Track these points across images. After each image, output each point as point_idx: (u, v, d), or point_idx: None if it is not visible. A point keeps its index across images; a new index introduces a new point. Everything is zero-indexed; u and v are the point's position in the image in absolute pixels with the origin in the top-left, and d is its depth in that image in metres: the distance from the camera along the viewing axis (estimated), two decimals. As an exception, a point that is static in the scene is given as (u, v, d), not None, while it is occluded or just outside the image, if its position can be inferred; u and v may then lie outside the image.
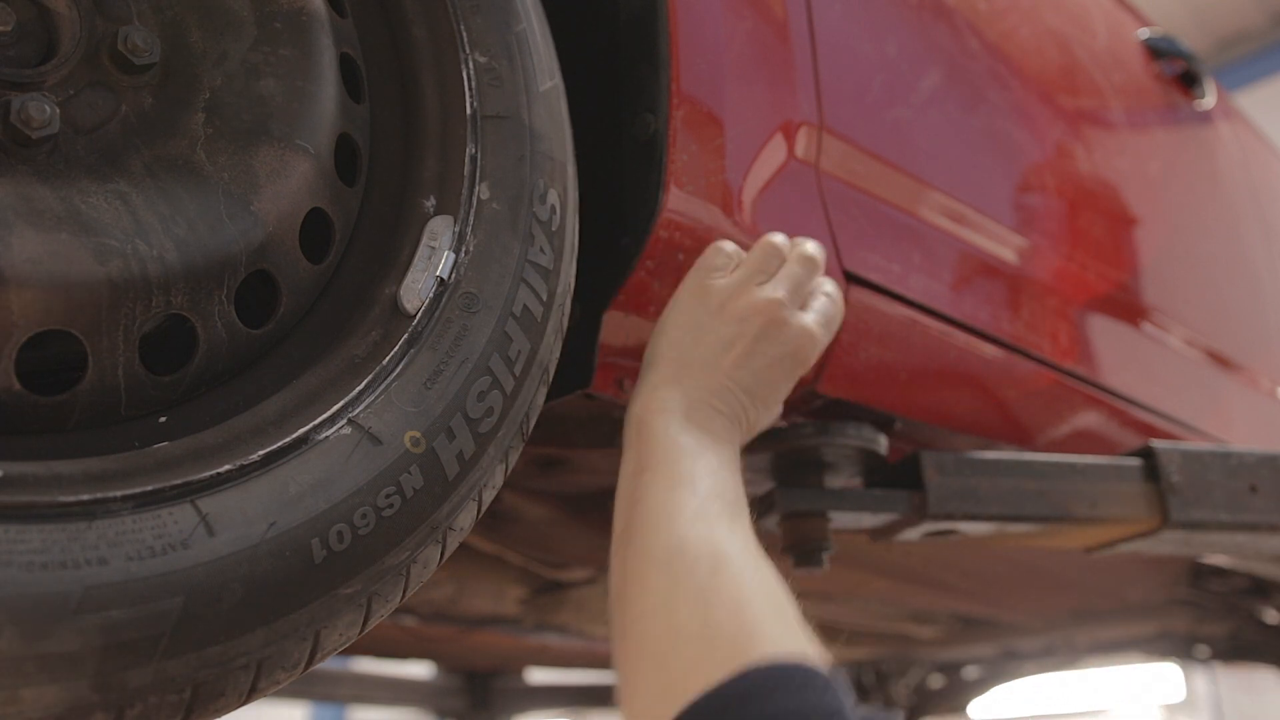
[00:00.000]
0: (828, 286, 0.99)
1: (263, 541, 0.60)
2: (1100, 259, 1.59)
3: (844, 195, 1.19)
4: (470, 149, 0.80)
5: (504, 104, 0.82)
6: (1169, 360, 1.74)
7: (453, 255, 0.76)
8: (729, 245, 0.96)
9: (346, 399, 0.68)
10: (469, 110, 0.81)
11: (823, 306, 0.96)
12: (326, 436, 0.66)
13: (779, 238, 0.97)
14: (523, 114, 0.83)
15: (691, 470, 0.80)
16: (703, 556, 0.71)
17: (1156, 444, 1.35)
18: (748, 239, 1.05)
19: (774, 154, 1.11)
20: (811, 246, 0.98)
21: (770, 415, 0.94)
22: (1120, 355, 1.59)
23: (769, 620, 0.66)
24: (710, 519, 0.75)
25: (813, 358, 0.93)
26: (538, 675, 3.25)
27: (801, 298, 0.95)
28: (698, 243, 1.01)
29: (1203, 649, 2.89)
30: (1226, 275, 2.03)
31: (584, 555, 1.71)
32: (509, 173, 0.81)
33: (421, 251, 0.77)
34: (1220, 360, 1.89)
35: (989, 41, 1.48)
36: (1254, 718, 6.43)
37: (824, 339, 0.95)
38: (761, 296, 0.92)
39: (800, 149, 1.14)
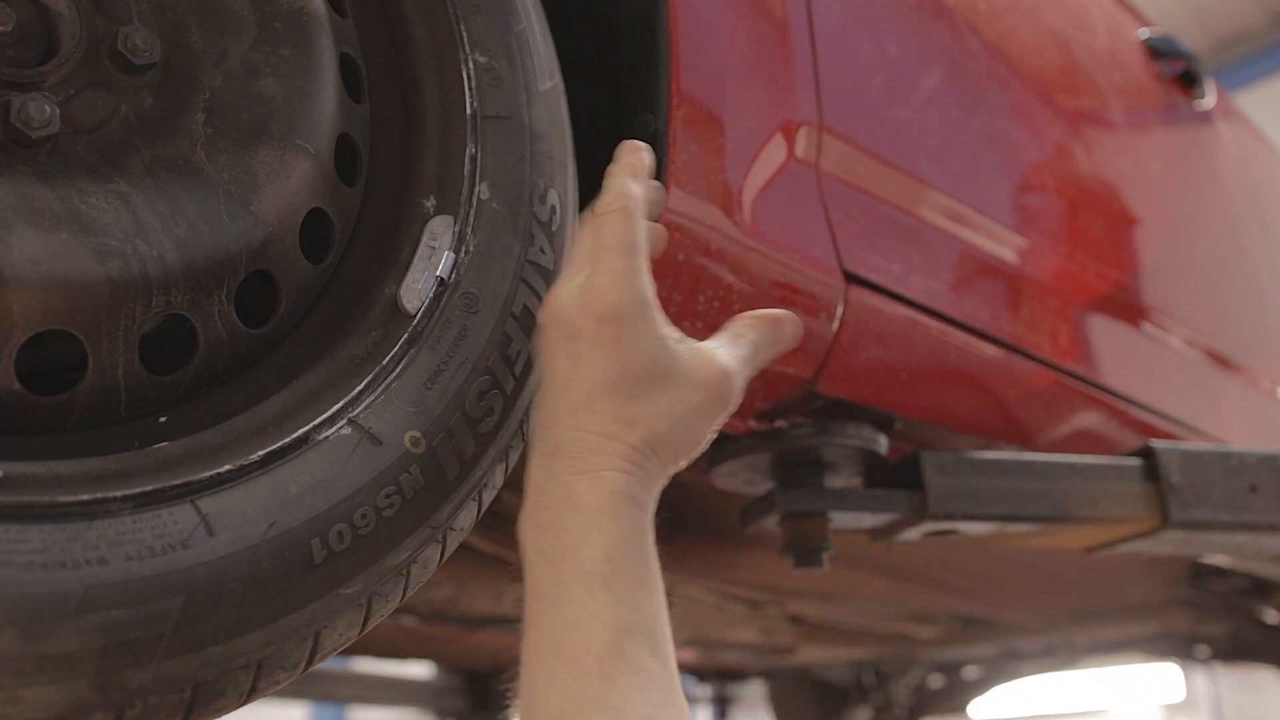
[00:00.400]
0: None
1: (263, 541, 0.60)
2: (1100, 259, 1.59)
3: (844, 195, 1.19)
4: (470, 149, 0.80)
5: (504, 104, 0.82)
6: (1169, 360, 1.74)
7: (453, 255, 0.76)
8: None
9: (346, 399, 0.68)
10: (469, 110, 0.81)
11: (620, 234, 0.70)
12: (326, 436, 0.66)
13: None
14: (523, 114, 0.83)
15: (574, 566, 0.67)
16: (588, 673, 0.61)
17: (1156, 444, 1.35)
18: (748, 239, 1.05)
19: (774, 154, 1.11)
20: (626, 159, 0.76)
21: (680, 405, 0.70)
22: (1120, 355, 1.59)
23: None
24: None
25: (620, 305, 0.68)
26: (538, 675, 3.25)
27: (609, 246, 0.70)
28: (698, 243, 1.01)
29: (1203, 649, 2.89)
30: (1226, 275, 2.03)
31: (584, 555, 1.71)
32: (509, 173, 0.81)
33: (421, 251, 0.77)
34: (1220, 360, 1.89)
35: (989, 41, 1.48)
36: (1254, 718, 6.43)
37: (618, 268, 0.69)
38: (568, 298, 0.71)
39: (800, 149, 1.14)
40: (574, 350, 0.69)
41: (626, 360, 0.67)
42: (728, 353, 0.71)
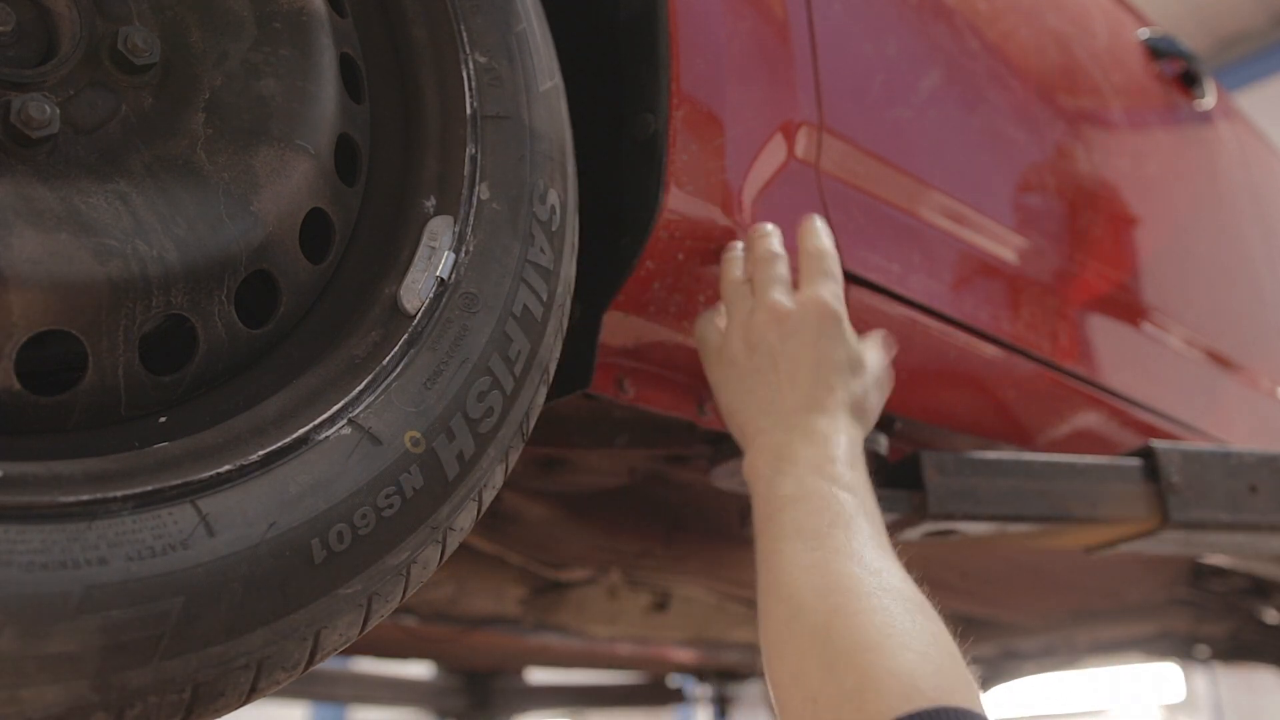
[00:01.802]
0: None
1: (263, 541, 0.60)
2: (1100, 259, 1.59)
3: (844, 195, 1.19)
4: (470, 149, 0.80)
5: (504, 104, 0.82)
6: (1169, 360, 1.74)
7: (453, 255, 0.76)
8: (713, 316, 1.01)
9: (346, 399, 0.68)
10: (469, 110, 0.81)
11: (784, 272, 0.99)
12: (326, 437, 0.66)
13: (735, 261, 1.01)
14: (523, 114, 0.83)
15: (793, 517, 0.80)
16: (818, 611, 0.69)
17: (1156, 444, 1.35)
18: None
19: (774, 154, 1.11)
20: (760, 237, 1.01)
21: (870, 381, 0.98)
22: (1120, 355, 1.59)
23: (894, 660, 0.63)
24: (822, 559, 0.74)
25: (837, 309, 0.96)
26: (538, 675, 3.25)
27: (783, 279, 0.98)
28: (698, 243, 1.01)
29: (1203, 649, 2.89)
30: (1226, 275, 2.03)
31: (584, 555, 1.71)
32: (509, 173, 0.81)
33: (421, 251, 0.77)
34: (1220, 360, 1.89)
35: (989, 41, 1.48)
36: (1254, 718, 6.43)
37: (829, 290, 0.98)
38: (756, 319, 0.96)
39: (800, 149, 1.14)
40: (800, 341, 0.94)
41: (845, 350, 0.95)
42: (874, 343, 1.02)
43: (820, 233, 1.02)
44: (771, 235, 1.01)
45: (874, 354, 1.00)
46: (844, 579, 0.71)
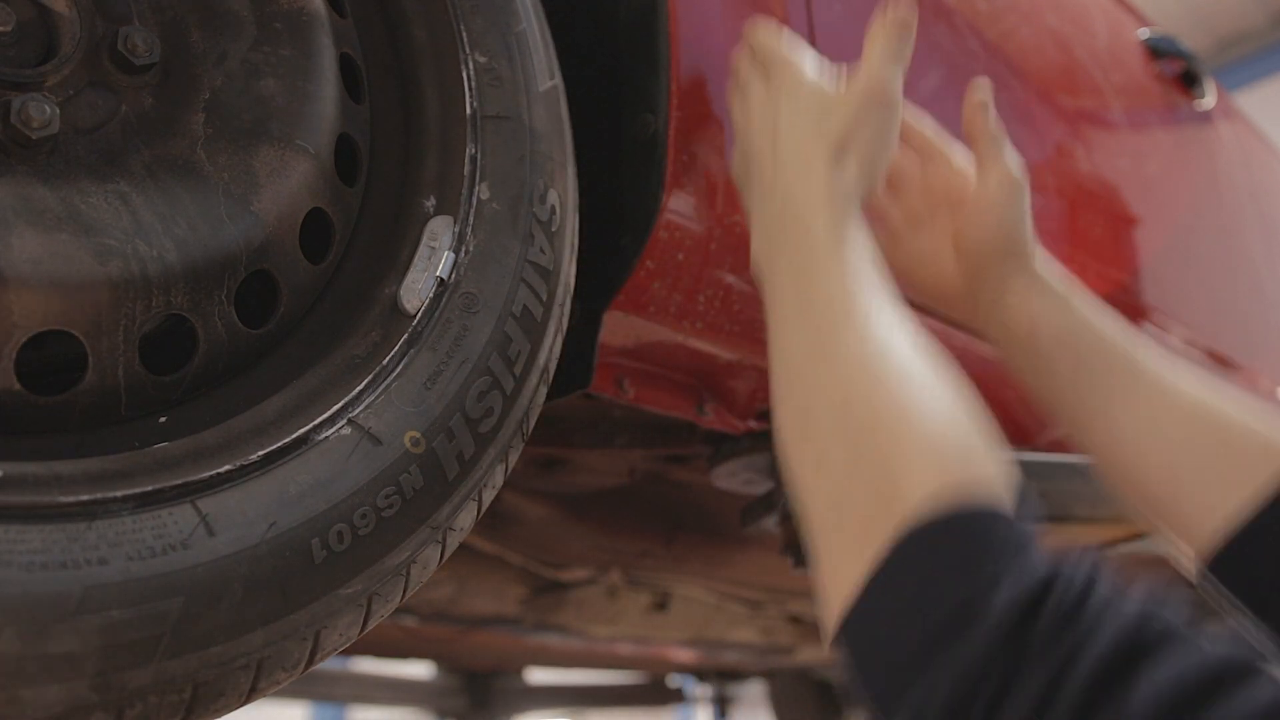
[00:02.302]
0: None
1: (263, 542, 0.60)
2: (1100, 259, 1.59)
3: (844, 195, 1.19)
4: (470, 149, 0.80)
5: (504, 104, 0.82)
6: (1169, 360, 1.73)
7: (453, 255, 0.76)
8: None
9: (346, 399, 0.68)
10: (469, 110, 0.81)
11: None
12: (326, 437, 0.66)
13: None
14: (523, 114, 0.83)
15: (792, 303, 0.76)
16: (832, 395, 0.66)
17: (1156, 444, 1.34)
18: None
19: (774, 154, 1.10)
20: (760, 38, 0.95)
21: (848, 113, 0.86)
22: (1120, 355, 1.59)
23: (919, 446, 0.61)
24: (827, 341, 0.70)
25: (794, 58, 0.90)
26: (538, 675, 3.25)
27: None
28: (698, 243, 1.01)
29: (1203, 649, 2.89)
30: (1226, 275, 2.03)
31: (584, 555, 1.71)
32: (509, 173, 0.81)
33: (421, 251, 0.77)
34: (1220, 360, 1.89)
35: (989, 41, 1.48)
36: (1254, 718, 6.42)
37: (793, 49, 0.91)
38: (750, 107, 0.90)
39: (800, 149, 1.14)
40: (771, 112, 0.87)
41: (808, 90, 0.86)
42: (869, 64, 0.88)
43: (764, 29, 0.95)
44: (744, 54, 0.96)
45: (856, 80, 0.87)
46: (851, 358, 0.68)
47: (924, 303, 1.20)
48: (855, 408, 0.65)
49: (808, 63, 0.90)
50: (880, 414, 0.64)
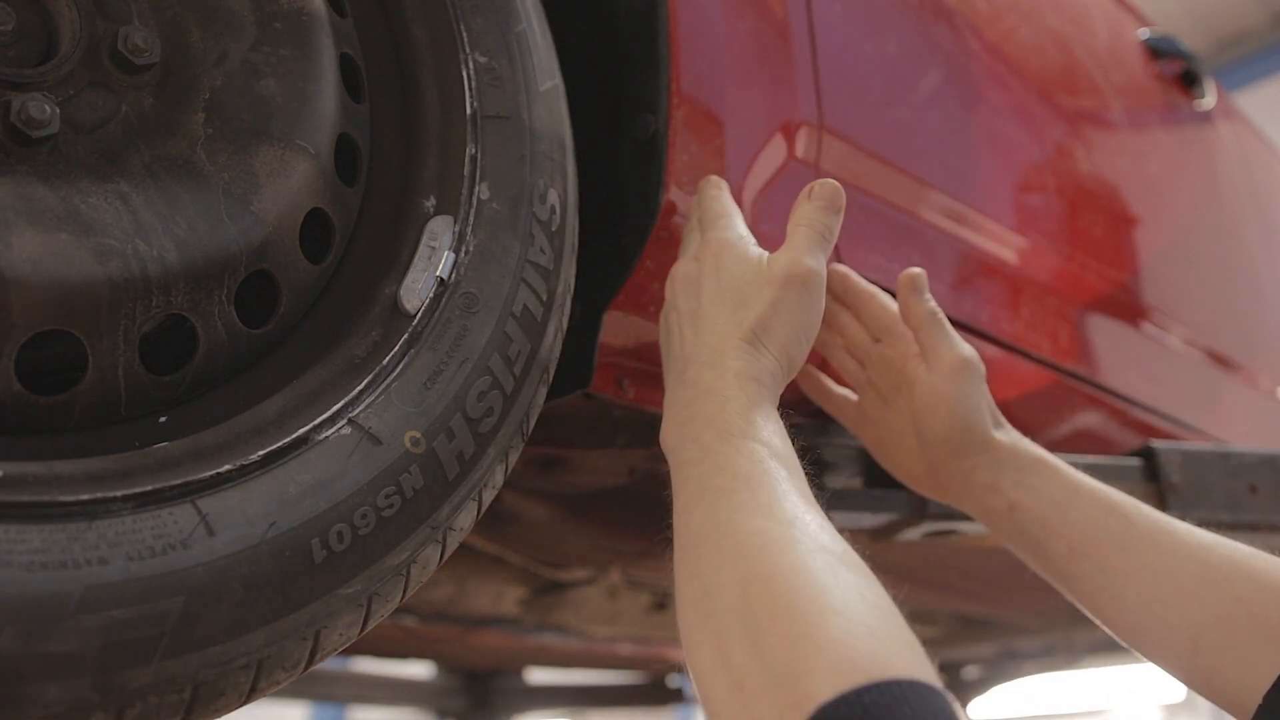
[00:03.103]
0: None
1: (263, 541, 0.60)
2: (1100, 259, 1.59)
3: (844, 195, 1.19)
4: (470, 149, 0.80)
5: (504, 104, 0.82)
6: (1169, 360, 1.74)
7: (453, 255, 0.76)
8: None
9: (346, 399, 0.68)
10: (469, 110, 0.81)
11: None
12: (326, 436, 0.66)
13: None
14: (523, 114, 0.83)
15: (696, 482, 0.72)
16: (730, 582, 0.62)
17: (1156, 444, 1.35)
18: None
19: (774, 154, 1.11)
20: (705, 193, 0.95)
21: (769, 297, 0.83)
22: (1120, 355, 1.59)
23: (821, 630, 0.56)
24: (727, 520, 0.66)
25: (728, 236, 0.88)
26: (538, 675, 3.25)
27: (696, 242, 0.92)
28: (698, 243, 1.01)
29: (1203, 649, 2.88)
30: (1226, 275, 2.03)
31: (584, 555, 1.71)
32: (509, 173, 0.81)
33: (421, 251, 0.77)
34: (1220, 360, 1.89)
35: (989, 41, 1.48)
36: (1254, 718, 6.41)
37: (724, 223, 0.90)
38: (670, 283, 0.90)
39: (800, 149, 1.14)
40: (695, 289, 0.85)
41: (731, 275, 0.84)
42: (792, 245, 0.85)
43: (708, 184, 0.95)
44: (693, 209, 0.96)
45: (778, 259, 0.83)
46: (754, 538, 0.63)
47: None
48: (755, 596, 0.60)
49: (737, 232, 0.88)
50: (781, 603, 0.58)
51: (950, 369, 0.96)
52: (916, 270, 1.00)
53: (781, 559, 0.61)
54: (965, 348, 0.97)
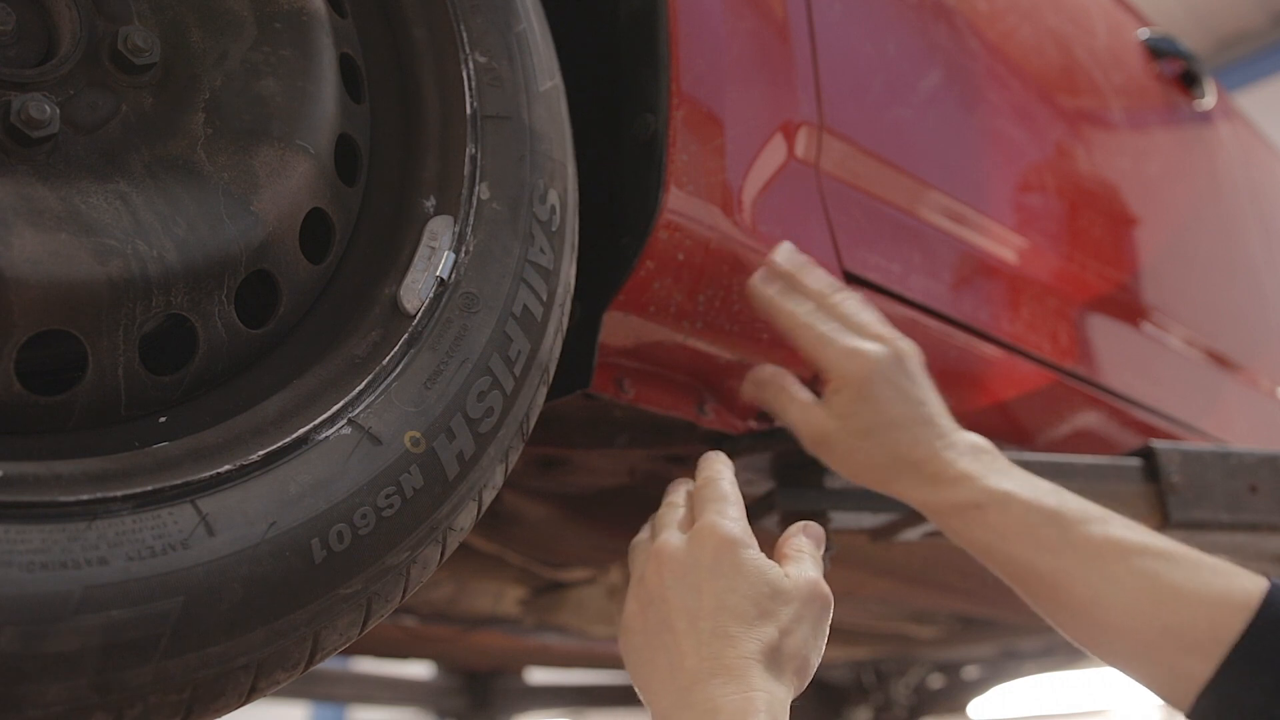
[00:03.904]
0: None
1: (263, 541, 0.60)
2: (1100, 259, 1.59)
3: (844, 195, 1.19)
4: (470, 149, 0.80)
5: (504, 104, 0.82)
6: (1169, 360, 1.74)
7: (453, 255, 0.76)
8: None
9: (346, 399, 0.68)
10: (469, 110, 0.81)
11: (682, 513, 0.87)
12: (326, 436, 0.66)
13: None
14: (523, 114, 0.83)
15: None
16: None
17: (1156, 444, 1.35)
18: (748, 239, 1.05)
19: (774, 154, 1.11)
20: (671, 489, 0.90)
21: (791, 616, 0.78)
22: (1120, 355, 1.59)
23: None
24: None
25: (731, 533, 0.81)
26: (538, 675, 3.25)
27: (678, 520, 0.85)
28: (698, 243, 1.01)
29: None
30: (1226, 275, 2.03)
31: (584, 555, 1.71)
32: (509, 173, 0.81)
33: (421, 251, 0.77)
34: (1220, 360, 1.89)
35: (989, 41, 1.48)
36: (1254, 718, 6.41)
37: (722, 513, 0.83)
38: (648, 571, 0.82)
39: (800, 149, 1.14)
40: (693, 583, 0.76)
41: (748, 584, 0.75)
42: (803, 566, 0.81)
43: (714, 459, 0.90)
44: (679, 485, 0.91)
45: (798, 575, 0.78)
46: None
47: (924, 303, 1.19)
48: None
49: (744, 526, 0.80)
50: None
51: (849, 383, 0.96)
52: (756, 286, 0.97)
53: None
54: (863, 352, 0.95)
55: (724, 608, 0.74)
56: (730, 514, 0.81)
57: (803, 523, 0.88)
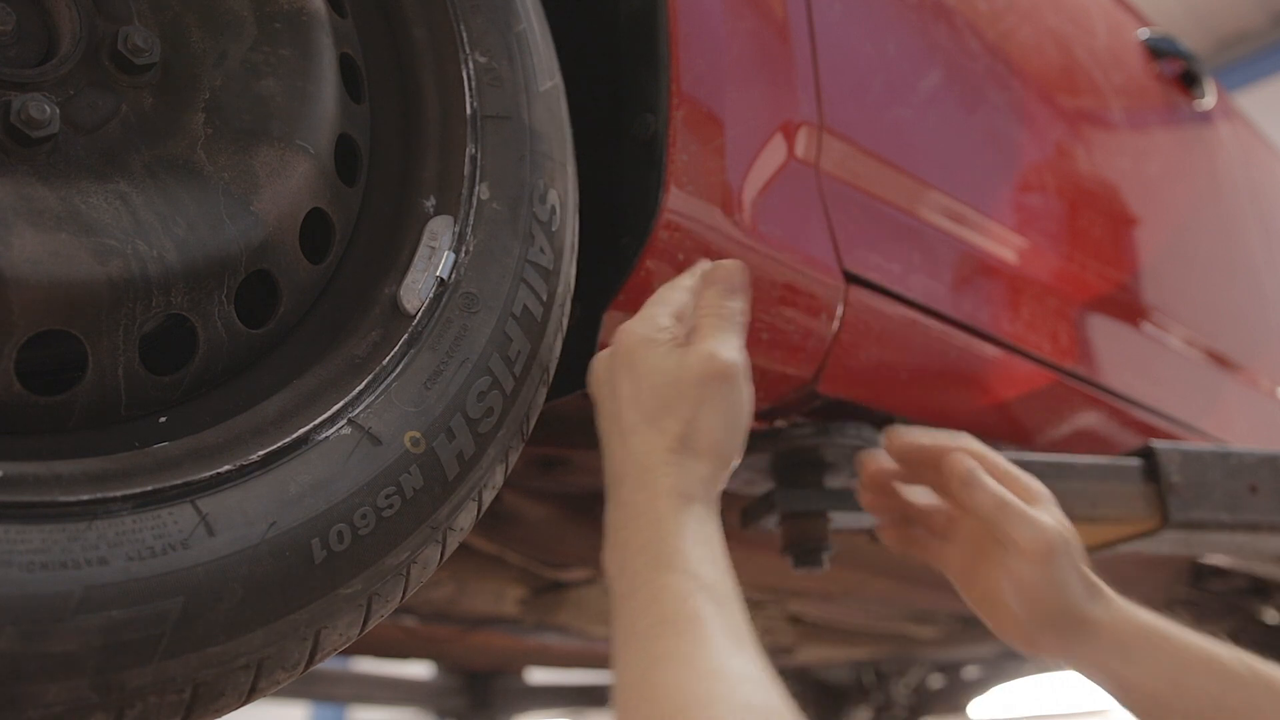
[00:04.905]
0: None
1: (263, 541, 0.60)
2: (1100, 259, 1.59)
3: (844, 195, 1.19)
4: (470, 149, 0.80)
5: (504, 104, 0.82)
6: (1169, 360, 1.74)
7: (453, 255, 0.76)
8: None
9: (346, 399, 0.68)
10: (469, 110, 0.81)
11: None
12: (326, 437, 0.66)
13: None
14: (523, 114, 0.83)
15: (625, 619, 0.69)
16: (670, 709, 0.59)
17: (1156, 444, 1.35)
18: (748, 239, 1.05)
19: (774, 154, 1.11)
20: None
21: (691, 394, 0.77)
22: (1120, 355, 1.59)
23: None
24: (646, 674, 0.63)
25: (645, 331, 0.80)
26: (538, 675, 3.25)
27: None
28: (698, 243, 1.01)
29: (1203, 649, 2.88)
30: (1226, 275, 2.03)
31: (584, 555, 1.71)
32: (509, 173, 0.81)
33: (421, 251, 0.77)
34: (1220, 360, 1.89)
35: (989, 41, 1.48)
36: (1254, 718, 6.41)
37: (647, 312, 0.82)
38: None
39: (800, 149, 1.14)
40: (609, 389, 0.79)
41: (646, 378, 0.77)
42: (702, 338, 0.79)
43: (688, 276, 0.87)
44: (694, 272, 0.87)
45: (700, 359, 0.77)
46: (673, 696, 0.60)
47: (924, 303, 1.19)
48: None
49: (656, 324, 0.79)
50: None
51: (1033, 556, 0.89)
52: (963, 462, 0.92)
53: (712, 698, 0.59)
54: (1047, 528, 0.89)
55: (632, 407, 0.76)
56: (645, 314, 0.81)
57: (708, 267, 0.83)
